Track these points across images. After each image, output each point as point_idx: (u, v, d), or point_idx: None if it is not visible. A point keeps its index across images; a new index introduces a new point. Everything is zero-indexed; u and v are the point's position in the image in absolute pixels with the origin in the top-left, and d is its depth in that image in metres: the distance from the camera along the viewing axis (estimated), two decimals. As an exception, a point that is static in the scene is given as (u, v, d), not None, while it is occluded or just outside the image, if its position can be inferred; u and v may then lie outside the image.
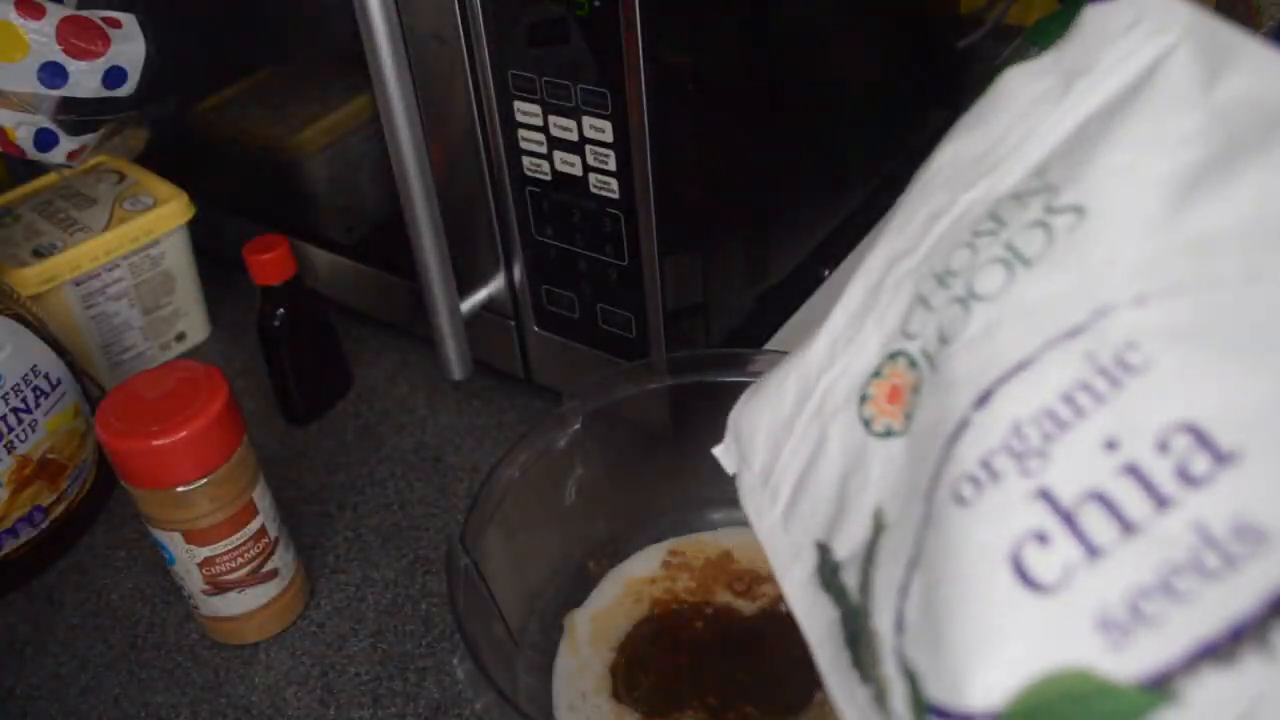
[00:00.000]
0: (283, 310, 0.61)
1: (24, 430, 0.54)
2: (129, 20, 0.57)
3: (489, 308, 0.59)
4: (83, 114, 0.60)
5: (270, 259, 0.59)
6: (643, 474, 0.53)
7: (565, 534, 0.51)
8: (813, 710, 0.43)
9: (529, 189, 0.53)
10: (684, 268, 0.51)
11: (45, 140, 0.60)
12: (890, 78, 0.69)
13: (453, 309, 0.54)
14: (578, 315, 0.56)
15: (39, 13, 0.54)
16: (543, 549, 0.50)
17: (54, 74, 0.55)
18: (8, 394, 0.53)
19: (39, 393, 0.55)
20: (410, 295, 0.64)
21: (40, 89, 0.56)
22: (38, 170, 0.70)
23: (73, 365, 0.57)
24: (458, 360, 0.56)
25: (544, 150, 0.50)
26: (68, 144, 0.61)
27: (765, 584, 0.49)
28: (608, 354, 0.56)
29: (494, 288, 0.59)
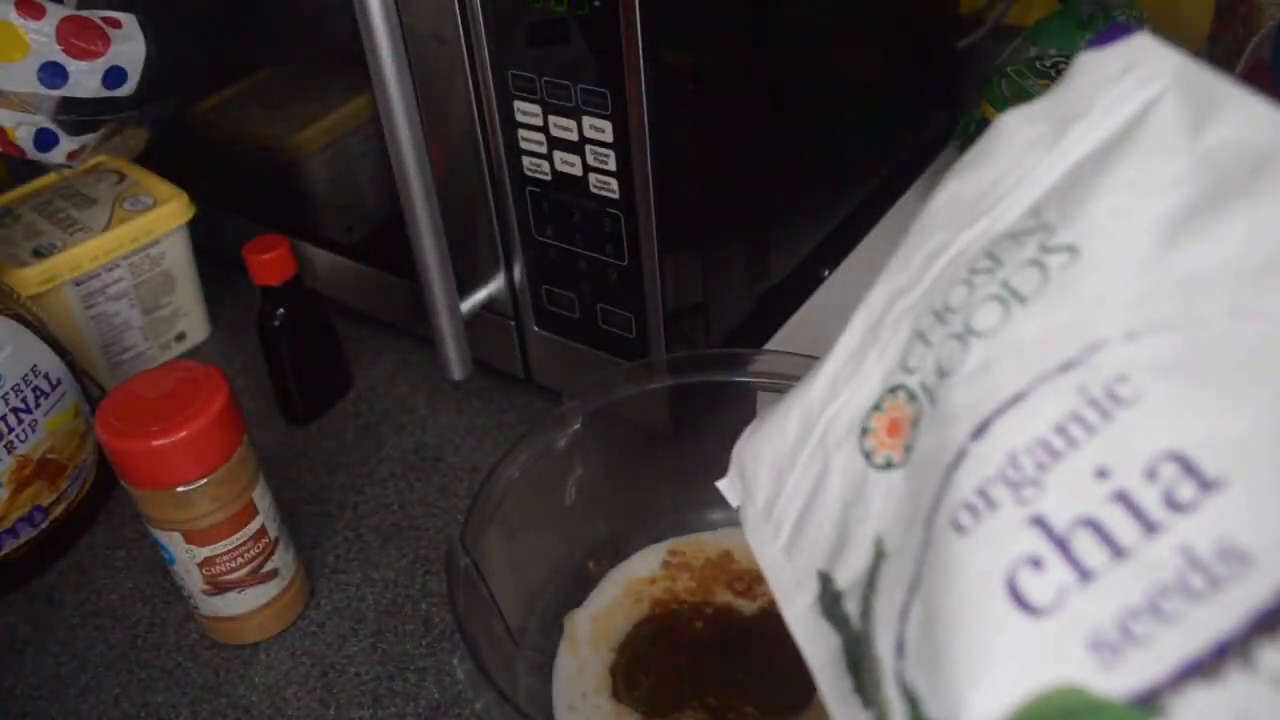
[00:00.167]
0: (283, 310, 0.61)
1: (24, 430, 0.54)
2: (129, 20, 0.57)
3: (489, 308, 0.59)
4: (83, 114, 0.60)
5: (270, 259, 0.59)
6: (643, 474, 0.53)
7: (565, 534, 0.51)
8: (813, 710, 0.43)
9: (529, 189, 0.53)
10: (684, 268, 0.51)
11: (45, 140, 0.60)
12: (890, 78, 0.69)
13: (453, 309, 0.54)
14: (578, 315, 0.56)
15: (39, 13, 0.54)
16: (543, 549, 0.50)
17: (54, 74, 0.55)
18: (8, 394, 0.53)
19: (39, 393, 0.55)
20: (410, 295, 0.64)
21: (40, 89, 0.56)
22: (38, 170, 0.70)
23: (73, 365, 0.57)
24: (458, 360, 0.56)
25: (544, 150, 0.50)
26: (68, 144, 0.61)
27: (765, 584, 0.49)
28: (608, 354, 0.56)
29: (494, 288, 0.59)
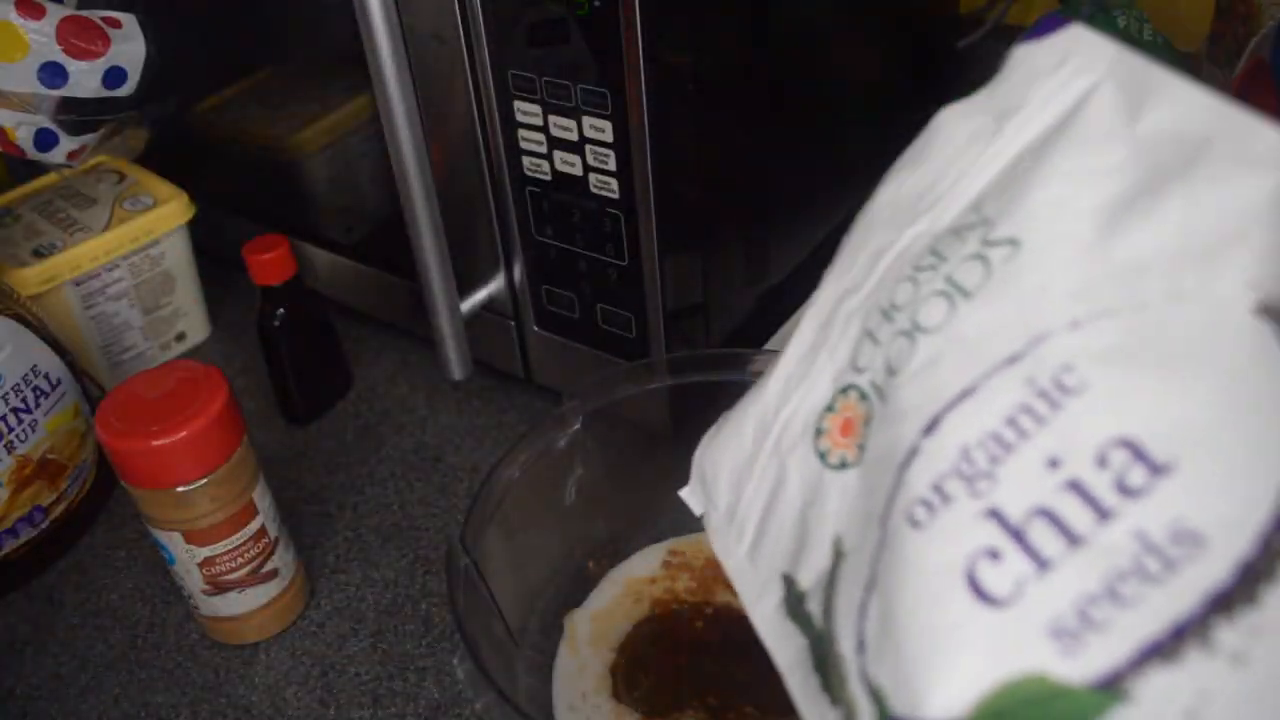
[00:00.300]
0: (283, 310, 0.61)
1: (24, 430, 0.54)
2: (129, 20, 0.57)
3: (489, 308, 0.59)
4: (83, 114, 0.60)
5: (270, 259, 0.59)
6: (643, 474, 0.53)
7: (565, 534, 0.51)
8: (813, 710, 0.43)
9: (529, 189, 0.53)
10: (684, 268, 0.51)
11: (45, 140, 0.60)
12: (890, 78, 0.69)
13: (453, 309, 0.54)
14: (578, 315, 0.56)
15: (39, 13, 0.54)
16: (543, 549, 0.50)
17: (54, 74, 0.55)
18: (8, 394, 0.53)
19: (39, 393, 0.55)
20: (410, 295, 0.64)
21: (40, 89, 0.56)
22: (38, 170, 0.70)
23: (73, 365, 0.57)
24: (458, 360, 0.56)
25: (544, 150, 0.50)
26: (68, 144, 0.61)
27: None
28: (608, 354, 0.56)
29: (494, 288, 0.59)
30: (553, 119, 0.49)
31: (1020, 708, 0.22)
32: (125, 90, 0.58)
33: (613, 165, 0.48)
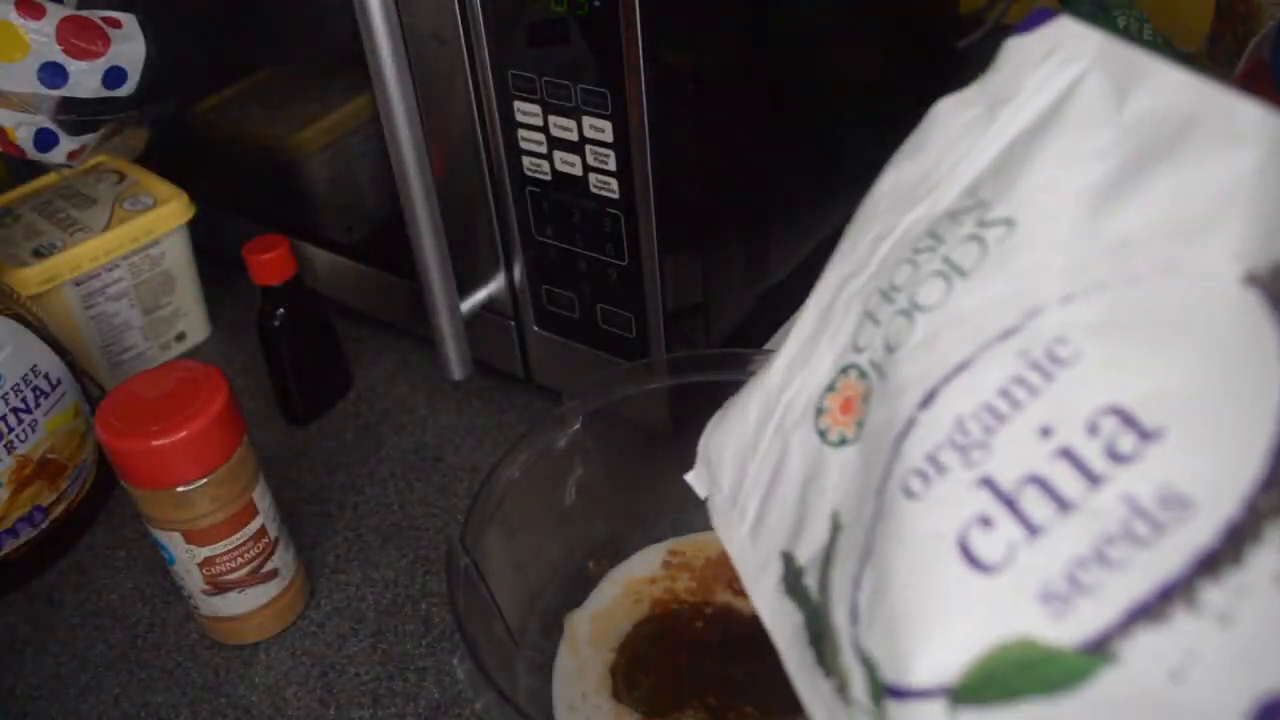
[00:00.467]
0: (283, 310, 0.61)
1: (24, 430, 0.54)
2: (129, 20, 0.57)
3: (489, 308, 0.59)
4: (83, 114, 0.60)
5: (270, 259, 0.59)
6: (643, 474, 0.53)
7: (565, 534, 0.51)
8: (813, 710, 0.43)
9: (529, 189, 0.53)
10: (684, 268, 0.51)
11: (45, 140, 0.60)
12: (890, 78, 0.69)
13: (453, 309, 0.54)
14: (578, 315, 0.56)
15: (39, 13, 0.54)
16: (543, 549, 0.50)
17: (54, 74, 0.55)
18: (8, 394, 0.53)
19: (39, 393, 0.55)
20: (410, 295, 0.64)
21: (40, 89, 0.56)
22: (38, 170, 0.70)
23: (73, 365, 0.57)
24: (458, 360, 0.56)
25: (544, 150, 0.50)
26: (68, 144, 0.61)
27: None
28: (608, 354, 0.56)
29: (494, 288, 0.59)
30: (553, 119, 0.49)
31: (1010, 671, 0.23)
32: (125, 90, 0.58)
33: (613, 165, 0.48)
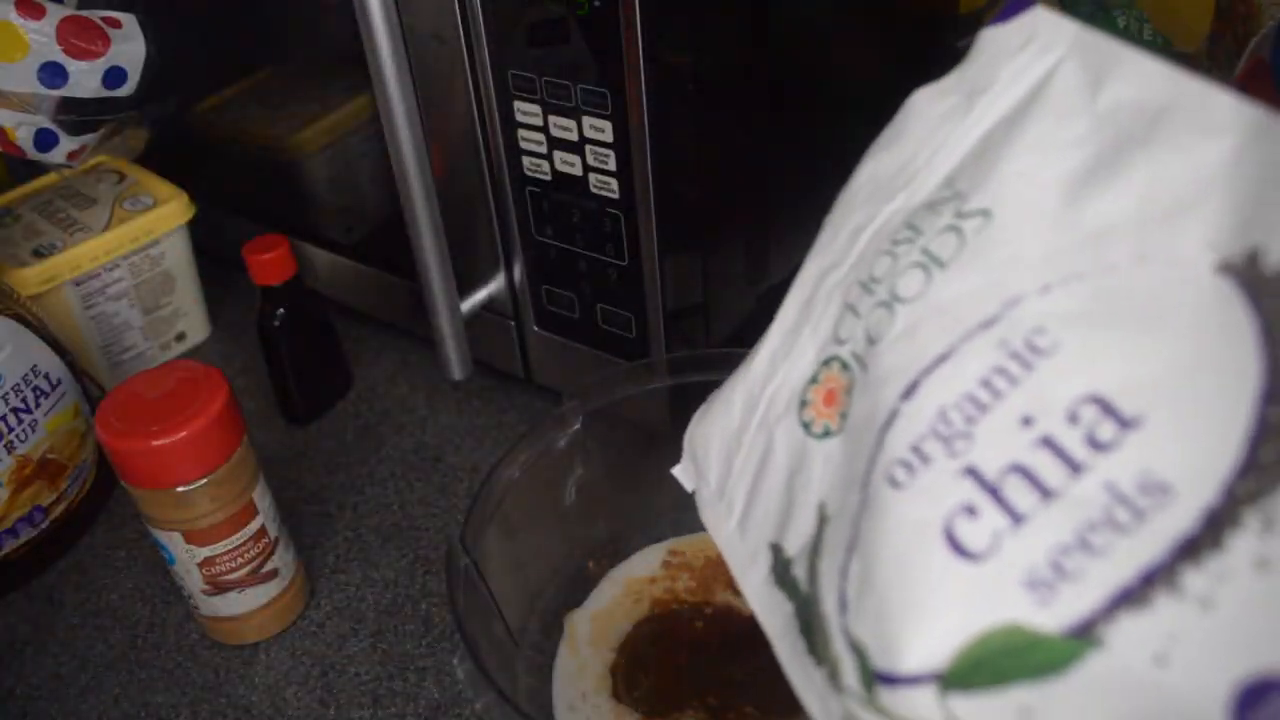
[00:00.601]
0: (283, 310, 0.61)
1: (24, 430, 0.54)
2: (129, 20, 0.57)
3: (489, 308, 0.59)
4: (83, 114, 0.60)
5: (270, 259, 0.59)
6: (643, 474, 0.53)
7: (565, 534, 0.51)
8: (813, 710, 0.43)
9: (529, 189, 0.53)
10: (684, 268, 0.51)
11: (45, 140, 0.60)
12: (890, 77, 0.69)
13: (453, 309, 0.54)
14: (578, 315, 0.56)
15: (39, 13, 0.54)
16: (543, 549, 0.50)
17: (54, 74, 0.55)
18: (8, 394, 0.53)
19: (39, 393, 0.55)
20: (410, 295, 0.64)
21: (40, 89, 0.56)
22: (38, 170, 0.70)
23: (73, 365, 0.57)
24: (458, 360, 0.56)
25: (544, 150, 0.50)
26: (68, 144, 0.61)
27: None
28: (608, 354, 0.56)
29: (494, 288, 0.59)
30: (553, 119, 0.49)
31: (997, 658, 0.23)
32: (125, 90, 0.58)
33: (613, 165, 0.48)
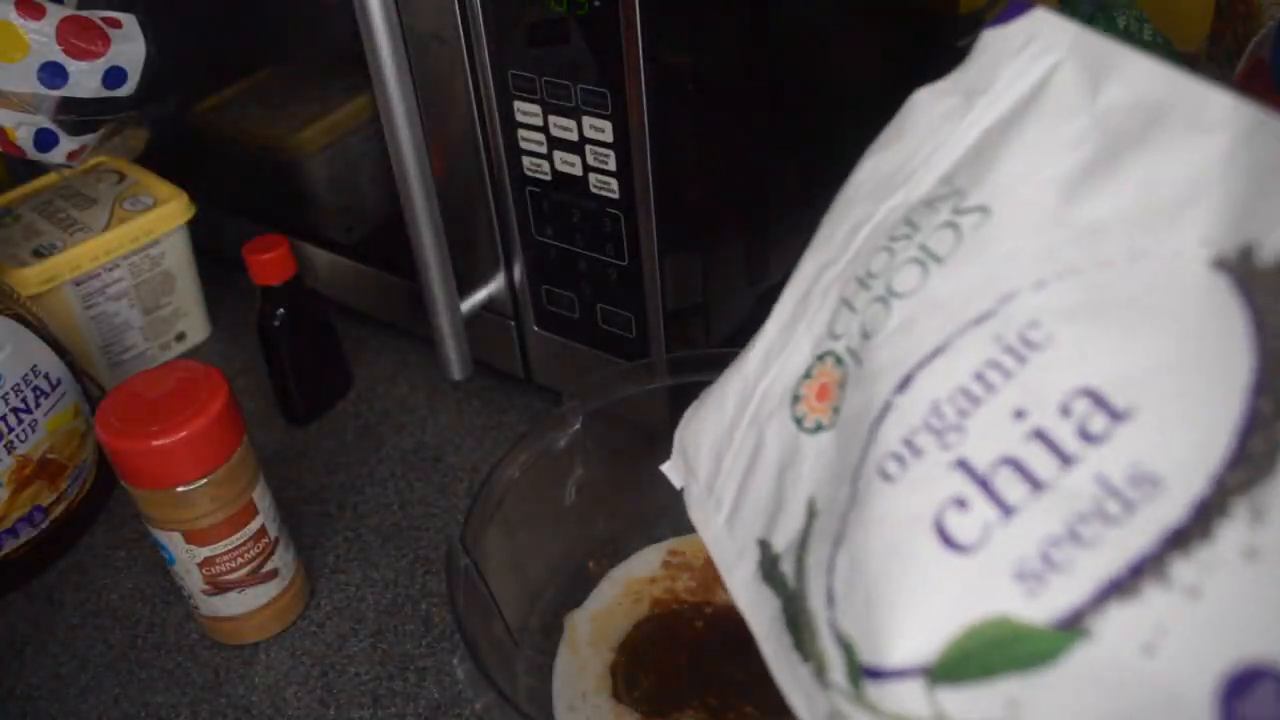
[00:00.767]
0: (283, 310, 0.61)
1: (24, 430, 0.54)
2: (129, 20, 0.57)
3: (489, 308, 0.59)
4: (83, 114, 0.60)
5: (270, 259, 0.59)
6: (643, 474, 0.53)
7: (565, 534, 0.51)
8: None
9: (529, 189, 0.53)
10: (684, 268, 0.51)
11: (45, 140, 0.60)
12: (890, 77, 0.69)
13: (453, 309, 0.54)
14: (578, 315, 0.56)
15: (39, 13, 0.54)
16: (543, 549, 0.50)
17: (54, 74, 0.55)
18: (8, 394, 0.53)
19: (39, 393, 0.55)
20: (410, 295, 0.64)
21: (40, 89, 0.56)
22: (38, 170, 0.70)
23: (73, 365, 0.57)
24: (458, 360, 0.56)
25: (544, 150, 0.50)
26: (68, 144, 0.61)
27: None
28: (608, 354, 0.56)
29: (494, 288, 0.59)
30: (553, 119, 0.49)
31: (986, 649, 0.23)
32: (125, 90, 0.58)
33: (613, 165, 0.48)
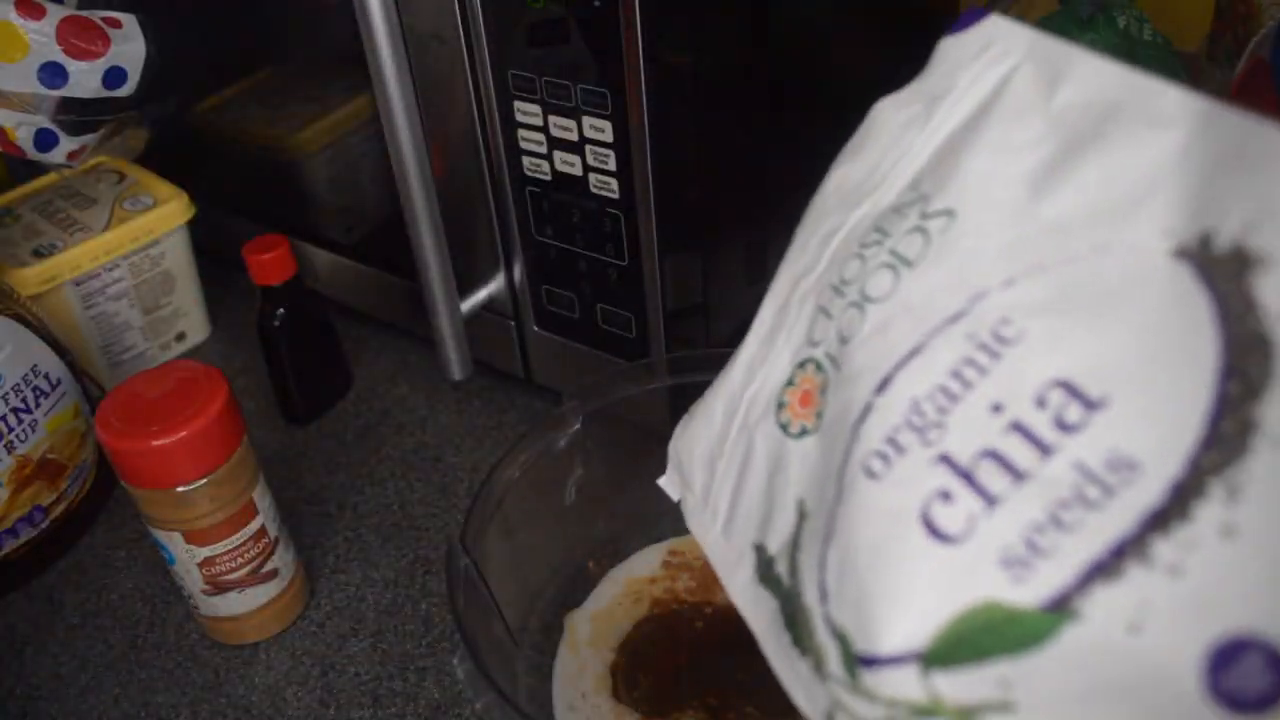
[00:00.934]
0: (283, 310, 0.61)
1: (24, 430, 0.54)
2: (129, 20, 0.57)
3: (489, 308, 0.59)
4: (83, 114, 0.60)
5: (270, 259, 0.59)
6: (643, 474, 0.53)
7: (565, 534, 0.51)
8: (813, 710, 0.43)
9: (529, 189, 0.53)
10: (684, 268, 0.51)
11: (45, 140, 0.60)
12: (890, 77, 0.69)
13: (453, 309, 0.54)
14: (578, 315, 0.56)
15: (39, 13, 0.54)
16: (543, 549, 0.50)
17: (54, 74, 0.55)
18: (8, 394, 0.53)
19: (39, 393, 0.55)
20: (410, 295, 0.64)
21: (40, 89, 0.56)
22: (38, 170, 0.70)
23: (73, 365, 0.57)
24: (458, 360, 0.56)
25: (544, 150, 0.50)
26: (68, 144, 0.61)
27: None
28: (608, 354, 0.56)
29: (494, 288, 0.59)
30: (553, 119, 0.49)
31: (977, 634, 0.24)
32: (125, 90, 0.58)
33: (613, 165, 0.48)
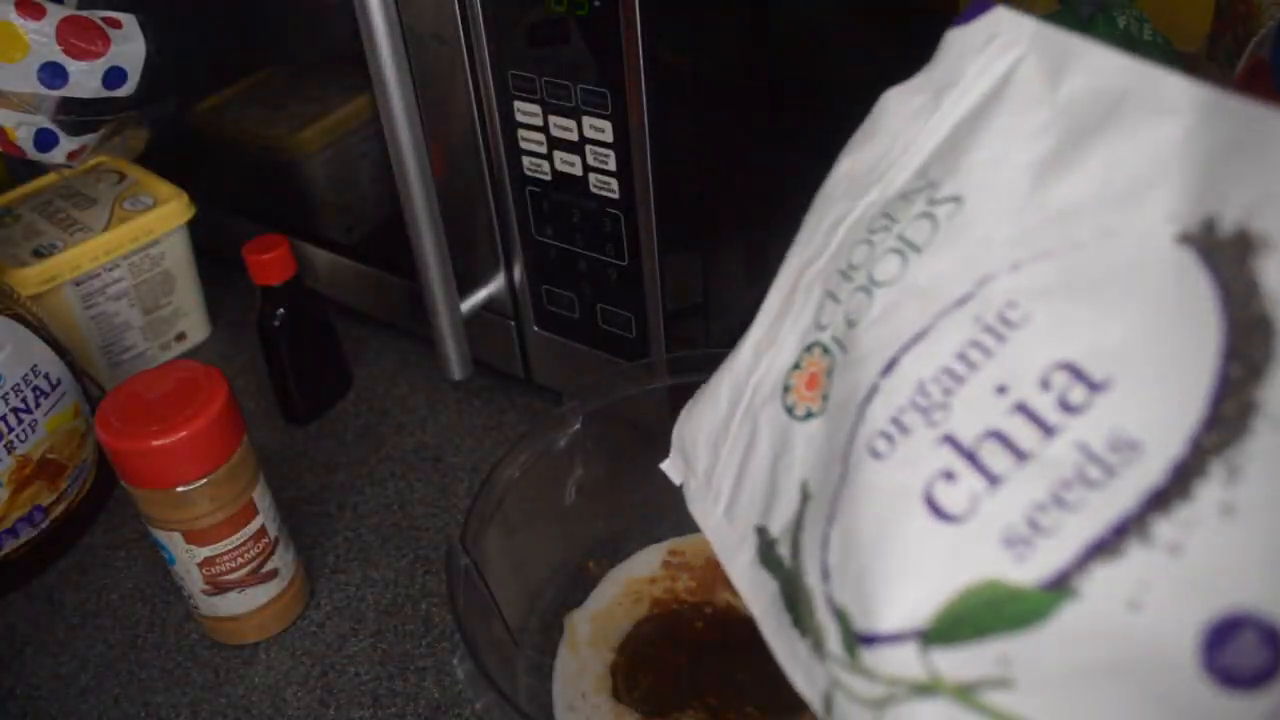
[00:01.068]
0: (283, 310, 0.61)
1: (24, 430, 0.54)
2: (129, 20, 0.57)
3: (489, 308, 0.59)
4: (83, 114, 0.60)
5: (270, 259, 0.59)
6: (643, 474, 0.53)
7: (565, 534, 0.51)
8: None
9: (529, 189, 0.53)
10: (684, 268, 0.51)
11: (45, 140, 0.60)
12: (890, 76, 0.69)
13: (453, 309, 0.54)
14: (578, 315, 0.56)
15: (39, 13, 0.54)
16: (543, 549, 0.50)
17: (54, 74, 0.55)
18: (8, 394, 0.53)
19: (39, 393, 0.55)
20: (410, 295, 0.64)
21: (40, 89, 0.56)
22: (38, 170, 0.70)
23: (73, 365, 0.57)
24: (458, 360, 0.56)
25: (544, 150, 0.50)
26: (68, 144, 0.61)
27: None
28: (608, 354, 0.56)
29: (494, 288, 0.59)
30: (553, 119, 0.49)
31: (978, 611, 0.24)
32: (125, 90, 0.58)
33: (613, 165, 0.48)
